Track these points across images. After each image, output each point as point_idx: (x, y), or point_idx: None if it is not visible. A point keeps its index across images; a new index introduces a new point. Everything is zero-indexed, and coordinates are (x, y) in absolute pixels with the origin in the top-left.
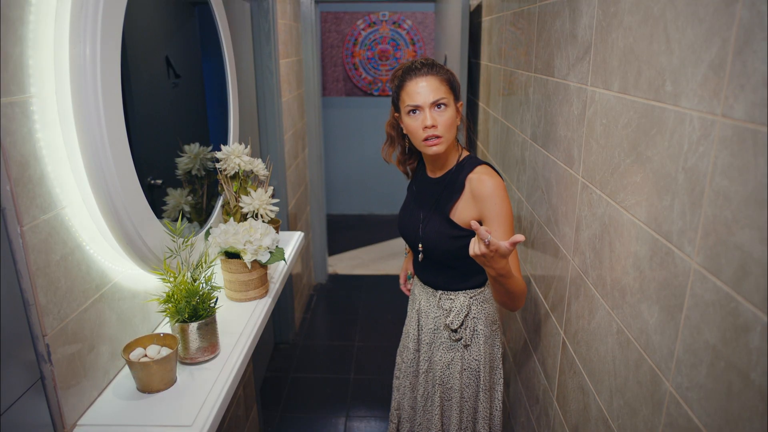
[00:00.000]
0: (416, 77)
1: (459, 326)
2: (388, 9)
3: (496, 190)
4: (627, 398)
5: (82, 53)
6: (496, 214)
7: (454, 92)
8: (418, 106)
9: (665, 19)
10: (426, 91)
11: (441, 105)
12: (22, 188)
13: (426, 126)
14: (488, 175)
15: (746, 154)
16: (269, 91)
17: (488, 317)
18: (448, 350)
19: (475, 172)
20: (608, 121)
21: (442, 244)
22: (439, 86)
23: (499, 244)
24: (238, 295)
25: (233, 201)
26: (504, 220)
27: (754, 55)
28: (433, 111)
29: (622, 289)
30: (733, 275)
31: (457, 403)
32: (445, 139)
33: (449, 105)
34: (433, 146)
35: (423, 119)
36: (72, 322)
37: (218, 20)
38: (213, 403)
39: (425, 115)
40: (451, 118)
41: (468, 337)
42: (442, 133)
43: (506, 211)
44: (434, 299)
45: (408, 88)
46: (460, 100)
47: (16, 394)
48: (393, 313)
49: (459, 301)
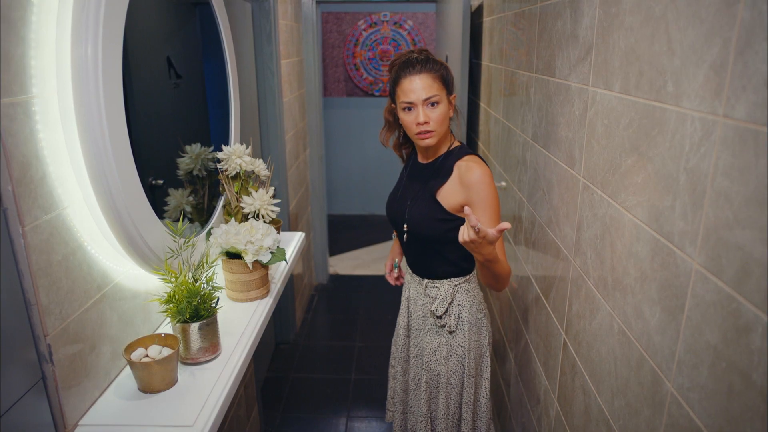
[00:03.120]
0: (411, 75)
1: (444, 313)
2: (389, 9)
3: (484, 177)
4: (628, 399)
5: (83, 54)
6: (482, 201)
7: (446, 87)
8: (411, 103)
9: (666, 19)
10: (419, 90)
11: (434, 103)
12: (23, 188)
13: (419, 122)
14: (476, 163)
15: (747, 154)
16: (270, 91)
17: (473, 305)
18: (435, 336)
19: (464, 160)
20: (609, 121)
21: (427, 225)
22: (432, 83)
23: (487, 231)
24: (239, 295)
25: (234, 201)
26: (490, 206)
27: (756, 56)
28: (426, 108)
29: (623, 289)
30: (734, 276)
31: (444, 388)
32: (437, 133)
33: (441, 101)
34: (426, 139)
35: (416, 116)
36: (73, 322)
37: (219, 21)
38: (214, 403)
39: (418, 112)
40: (443, 113)
41: (452, 324)
42: (434, 128)
43: (492, 199)
44: (421, 287)
45: (403, 85)
46: (453, 92)
47: (17, 394)
48: (394, 314)
49: (444, 288)
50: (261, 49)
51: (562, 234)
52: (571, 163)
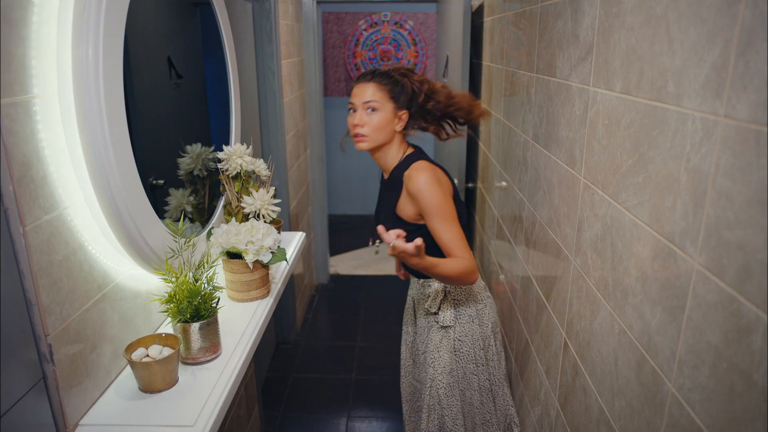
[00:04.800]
0: (360, 82)
1: (438, 309)
2: (389, 9)
3: (424, 184)
4: (629, 399)
5: (84, 54)
6: (427, 207)
7: (394, 99)
8: (353, 105)
9: (667, 19)
10: (361, 94)
11: (372, 108)
12: (24, 188)
13: (354, 123)
14: (417, 170)
15: (749, 154)
16: (271, 91)
17: (470, 297)
18: (437, 331)
19: (409, 169)
20: (610, 121)
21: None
22: (376, 92)
23: (404, 246)
24: (240, 295)
25: (235, 201)
26: (435, 212)
27: (757, 56)
28: (364, 112)
29: (624, 289)
30: (735, 276)
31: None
32: (371, 139)
33: (380, 110)
34: (359, 143)
35: (353, 117)
36: (74, 322)
37: (220, 21)
38: (215, 403)
39: (357, 114)
40: (380, 121)
41: (449, 319)
42: (368, 133)
43: (435, 204)
44: (419, 286)
45: (353, 90)
46: (404, 108)
47: (18, 394)
48: (394, 314)
49: (434, 286)
50: (262, 49)
51: (563, 234)
52: (571, 163)
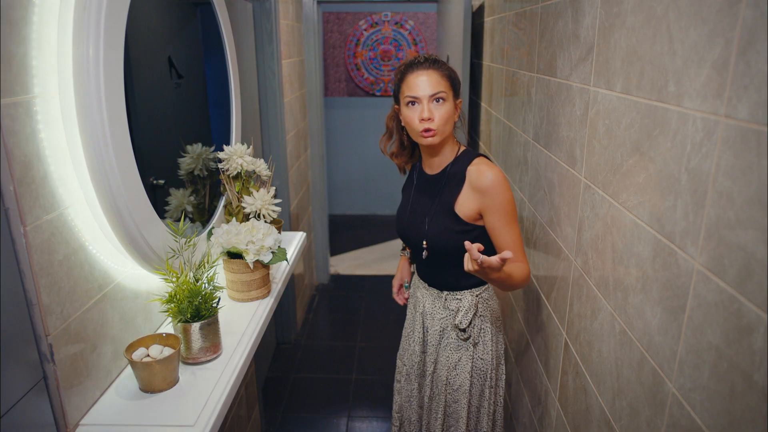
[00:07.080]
0: (418, 70)
1: (468, 325)
2: (390, 9)
3: (496, 180)
4: (629, 399)
5: (85, 54)
6: (497, 206)
7: (453, 89)
8: (416, 98)
9: (668, 19)
10: (425, 84)
11: (439, 99)
12: (25, 188)
13: (423, 118)
14: (487, 165)
15: (749, 154)
16: (271, 91)
17: (493, 314)
18: (456, 350)
19: (473, 164)
20: (611, 121)
21: (447, 239)
22: (440, 80)
23: (490, 261)
24: (241, 295)
25: (235, 201)
26: (506, 211)
27: (758, 56)
28: (431, 104)
29: (624, 289)
30: (736, 276)
31: (465, 403)
32: (440, 132)
33: (447, 100)
34: (428, 137)
35: (420, 111)
36: (75, 322)
37: (221, 21)
38: (215, 403)
39: (423, 107)
40: (448, 112)
41: (476, 336)
42: (438, 126)
43: (507, 203)
44: (440, 301)
45: (409, 80)
46: (459, 97)
47: (18, 393)
48: (395, 314)
49: (466, 300)
50: (262, 49)
51: (564, 234)
52: (572, 163)
